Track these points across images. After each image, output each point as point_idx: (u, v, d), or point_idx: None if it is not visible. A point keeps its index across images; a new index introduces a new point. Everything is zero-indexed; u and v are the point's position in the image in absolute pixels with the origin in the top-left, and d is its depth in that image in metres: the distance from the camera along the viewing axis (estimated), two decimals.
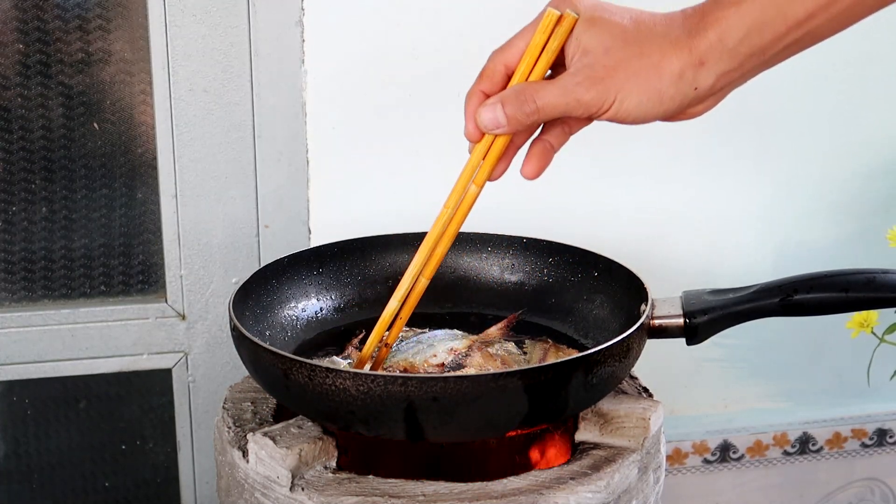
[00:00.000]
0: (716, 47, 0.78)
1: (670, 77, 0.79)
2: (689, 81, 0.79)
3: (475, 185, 0.91)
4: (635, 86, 0.79)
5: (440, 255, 0.97)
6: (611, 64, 0.79)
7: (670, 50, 0.79)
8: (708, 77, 0.79)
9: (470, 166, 0.90)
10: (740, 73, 0.80)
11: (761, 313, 1.01)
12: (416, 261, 0.96)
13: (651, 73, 0.79)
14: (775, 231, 1.51)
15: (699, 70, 0.78)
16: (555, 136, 0.88)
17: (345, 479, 0.94)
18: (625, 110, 0.80)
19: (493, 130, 0.85)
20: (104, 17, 1.29)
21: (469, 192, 0.92)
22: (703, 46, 0.78)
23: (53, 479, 1.44)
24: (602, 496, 0.94)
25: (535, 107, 0.82)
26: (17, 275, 1.35)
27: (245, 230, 1.35)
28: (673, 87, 0.79)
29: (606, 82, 0.79)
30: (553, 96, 0.81)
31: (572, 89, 0.80)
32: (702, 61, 0.78)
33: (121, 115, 1.33)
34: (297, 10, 1.29)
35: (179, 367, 1.39)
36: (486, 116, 0.84)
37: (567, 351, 1.07)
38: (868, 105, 1.49)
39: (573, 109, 0.81)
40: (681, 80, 0.79)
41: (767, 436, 1.57)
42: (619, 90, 0.79)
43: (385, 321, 0.99)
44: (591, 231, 1.43)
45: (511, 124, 0.83)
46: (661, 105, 0.80)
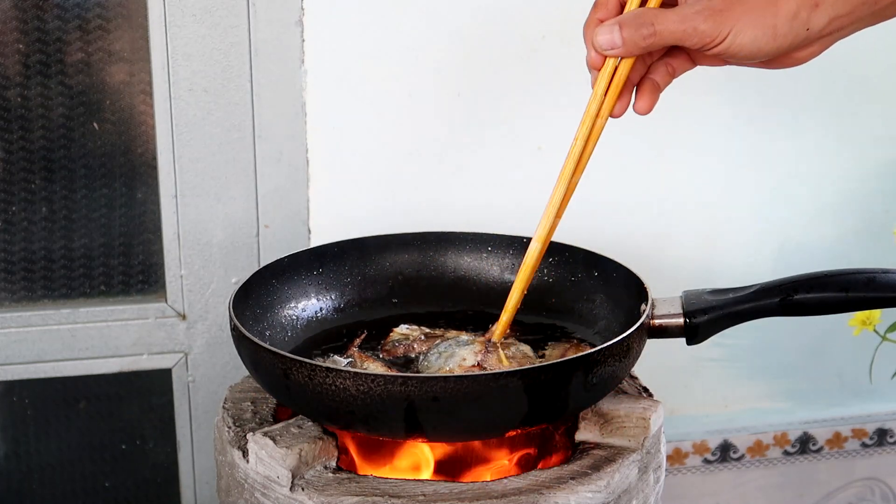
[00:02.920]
0: None
1: (786, 15, 0.81)
2: (802, 21, 0.81)
3: (601, 119, 0.92)
4: (751, 20, 0.81)
5: (572, 191, 0.98)
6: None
7: None
8: (821, 19, 0.81)
9: (595, 99, 0.91)
10: (851, 20, 0.82)
11: (761, 313, 1.01)
12: (553, 198, 0.98)
13: (767, 10, 0.81)
14: (775, 231, 1.51)
15: (814, 11, 0.80)
16: (660, 76, 0.90)
17: (345, 479, 0.94)
18: (738, 44, 0.82)
19: (609, 52, 0.86)
20: (104, 17, 1.29)
21: (596, 125, 0.93)
22: None
23: (53, 479, 1.44)
24: (602, 496, 0.94)
25: (653, 30, 0.83)
26: (17, 275, 1.35)
27: (245, 230, 1.35)
28: (787, 26, 0.81)
29: (725, 14, 0.81)
30: (671, 22, 0.82)
31: (691, 17, 0.81)
32: (817, 3, 0.80)
33: (121, 115, 1.33)
34: (297, 10, 1.29)
35: (179, 367, 1.39)
36: (604, 38, 0.85)
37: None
38: (868, 104, 1.49)
39: (689, 37, 0.82)
40: (795, 20, 0.80)
41: (767, 436, 1.57)
42: (736, 23, 0.81)
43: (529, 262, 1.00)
44: (591, 231, 1.43)
45: (627, 46, 0.84)
46: (773, 41, 0.81)
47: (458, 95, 1.36)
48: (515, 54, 1.35)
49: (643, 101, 0.90)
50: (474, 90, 1.36)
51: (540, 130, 1.39)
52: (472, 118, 1.37)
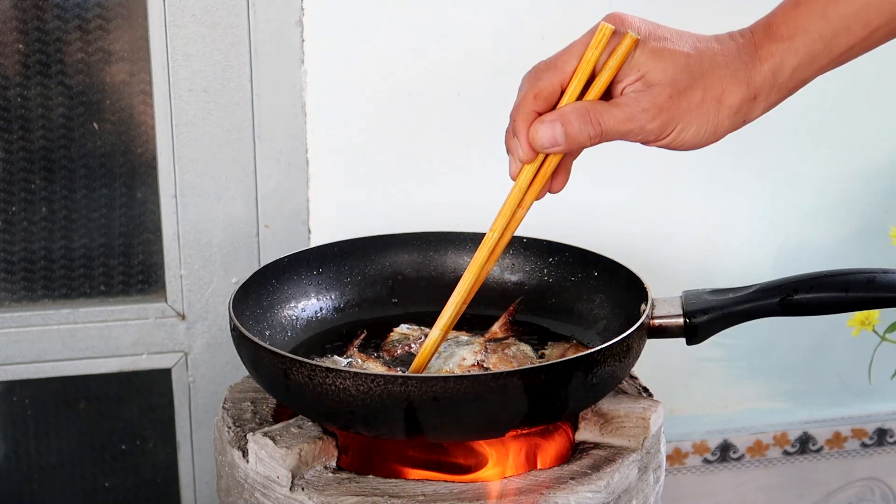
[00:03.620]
0: (768, 82, 0.82)
1: (728, 110, 0.82)
2: (742, 114, 0.82)
3: (521, 209, 0.91)
4: (696, 117, 0.81)
5: (483, 279, 0.96)
6: (675, 93, 0.81)
7: (731, 84, 0.81)
8: (758, 110, 0.83)
9: (518, 189, 0.89)
10: (780, 102, 0.84)
11: (761, 313, 1.01)
12: (460, 287, 0.95)
13: (712, 107, 0.81)
14: (775, 231, 1.51)
15: (752, 104, 0.82)
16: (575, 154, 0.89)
17: (345, 479, 0.94)
18: (681, 140, 0.82)
19: (549, 149, 0.84)
20: (104, 17, 1.29)
21: (516, 216, 0.91)
22: (758, 81, 0.82)
23: (53, 479, 1.44)
24: (602, 496, 0.94)
25: (600, 130, 0.82)
26: (17, 275, 1.35)
27: (245, 230, 1.35)
28: (728, 120, 0.82)
29: (671, 112, 0.81)
30: (617, 121, 0.81)
31: (637, 116, 0.81)
32: (755, 95, 0.82)
33: (121, 115, 1.33)
34: (297, 10, 1.29)
35: (179, 367, 1.39)
36: (545, 135, 0.83)
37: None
38: (868, 104, 1.49)
39: (634, 135, 0.82)
40: (737, 114, 0.82)
41: (767, 436, 1.57)
42: (680, 121, 0.81)
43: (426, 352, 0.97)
44: (591, 231, 1.43)
45: (569, 143, 0.83)
46: (714, 136, 0.83)
47: (458, 95, 1.36)
48: (515, 54, 1.35)
49: (560, 180, 0.89)
50: (474, 90, 1.36)
51: None
52: (472, 118, 1.37)
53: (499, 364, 1.02)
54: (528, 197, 0.90)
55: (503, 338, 1.10)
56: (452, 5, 1.33)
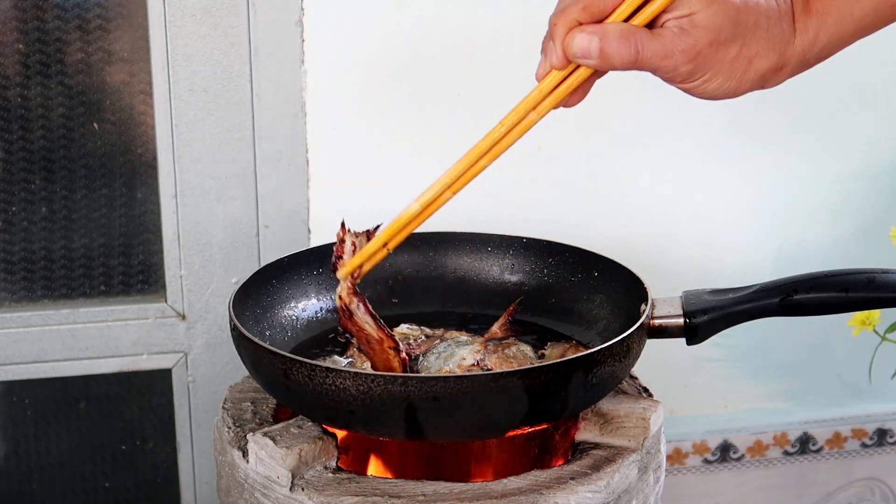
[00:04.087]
0: (797, 56, 0.82)
1: (755, 73, 0.81)
2: (765, 80, 0.82)
3: (536, 114, 0.89)
4: (724, 71, 0.81)
5: (476, 172, 0.93)
6: (716, 44, 0.80)
7: (766, 49, 0.81)
8: (779, 79, 0.83)
9: (539, 91, 0.88)
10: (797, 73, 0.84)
11: (761, 313, 1.01)
12: (451, 171, 0.93)
13: (742, 66, 0.81)
14: (775, 231, 1.51)
15: (777, 73, 0.82)
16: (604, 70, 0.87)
17: (345, 479, 0.94)
18: (702, 88, 0.82)
19: (580, 59, 0.82)
20: (104, 17, 1.29)
21: (528, 118, 0.90)
22: (789, 53, 0.82)
23: (53, 479, 1.44)
24: (602, 496, 0.94)
25: (635, 57, 0.80)
26: (17, 275, 1.35)
27: (245, 230, 1.35)
28: (751, 83, 0.82)
29: (706, 61, 0.80)
30: (654, 53, 0.80)
31: (675, 55, 0.80)
32: (783, 66, 0.82)
33: (121, 115, 1.33)
34: (297, 10, 1.29)
35: (179, 367, 1.39)
36: (580, 44, 0.81)
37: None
38: (868, 104, 1.49)
39: (664, 72, 0.81)
40: (761, 79, 0.82)
41: (767, 436, 1.57)
42: (710, 70, 0.81)
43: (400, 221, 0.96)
44: (591, 231, 1.43)
45: (601, 60, 0.81)
46: (733, 93, 0.82)
47: (458, 95, 1.36)
48: (515, 54, 1.35)
49: (578, 95, 0.87)
50: (474, 90, 1.36)
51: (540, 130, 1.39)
52: (472, 118, 1.37)
53: (499, 364, 1.02)
54: (545, 103, 0.88)
55: (503, 338, 1.10)
56: (452, 5, 1.33)
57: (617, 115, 1.40)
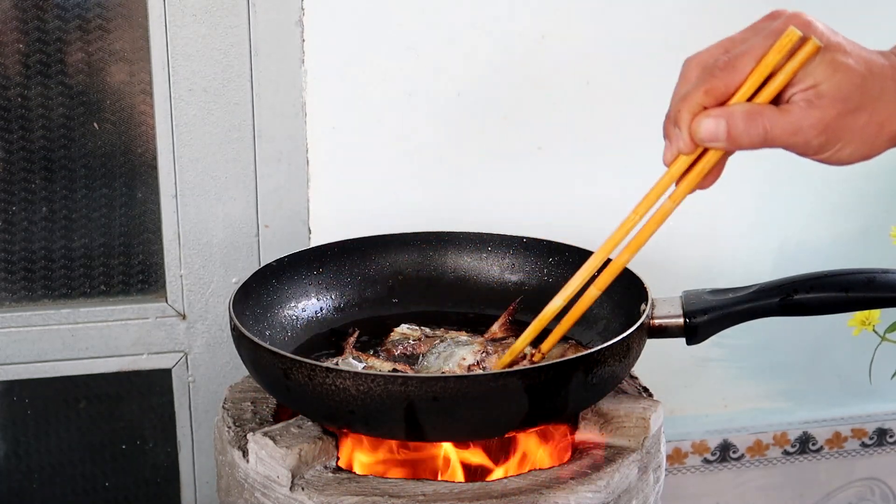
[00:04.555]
0: None
1: (887, 136, 0.81)
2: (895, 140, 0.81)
3: (671, 202, 0.89)
4: (857, 139, 0.80)
5: (617, 268, 0.94)
6: (844, 114, 0.79)
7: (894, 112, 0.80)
8: None
9: (669, 176, 0.88)
10: None
11: (761, 313, 1.02)
12: (588, 264, 0.94)
13: (874, 131, 0.80)
14: (775, 231, 1.51)
15: None
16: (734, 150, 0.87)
17: (345, 479, 0.94)
18: (837, 157, 0.81)
19: (708, 143, 0.82)
20: (104, 17, 1.29)
21: (664, 207, 0.90)
22: None
23: (53, 479, 1.44)
24: (602, 496, 0.94)
25: (764, 136, 0.80)
26: (17, 275, 1.35)
27: (245, 230, 1.35)
28: (885, 145, 0.81)
29: (836, 131, 0.79)
30: (783, 131, 0.79)
31: (805, 130, 0.79)
32: None
33: (121, 115, 1.33)
34: (297, 10, 1.29)
35: (179, 367, 1.39)
36: (708, 129, 0.81)
37: None
38: None
39: (796, 147, 0.80)
40: (893, 140, 0.81)
41: (767, 436, 1.57)
42: (842, 139, 0.80)
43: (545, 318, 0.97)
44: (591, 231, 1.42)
45: (731, 143, 0.81)
46: (866, 157, 0.82)
47: (458, 95, 1.36)
48: (515, 54, 1.35)
49: (712, 177, 0.87)
50: (474, 90, 1.36)
51: (540, 130, 1.39)
52: (471, 118, 1.37)
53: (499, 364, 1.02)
54: (680, 189, 0.88)
55: (503, 338, 1.10)
56: (452, 5, 1.33)
57: (617, 116, 1.40)
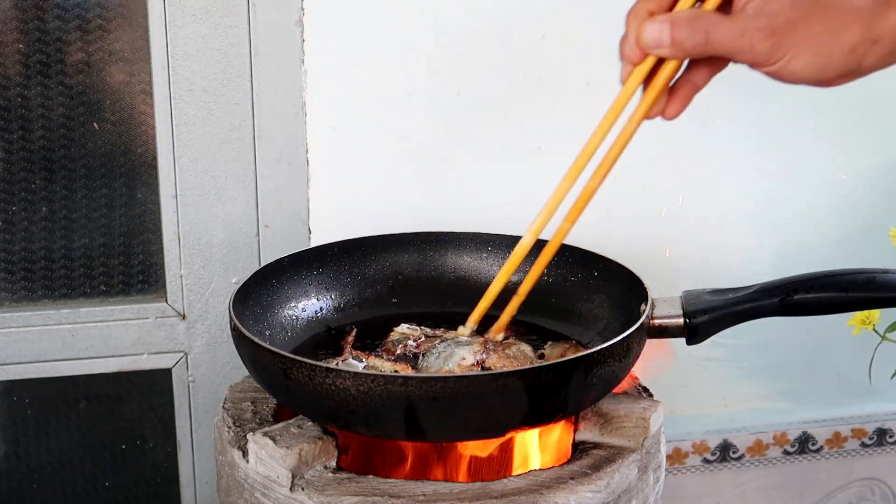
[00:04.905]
0: (892, 29, 0.77)
1: (844, 47, 0.77)
2: (858, 56, 0.77)
3: (632, 122, 0.87)
4: (809, 47, 0.77)
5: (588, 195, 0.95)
6: (793, 18, 0.77)
7: (852, 21, 0.77)
8: (874, 56, 0.78)
9: (624, 95, 0.86)
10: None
11: (761, 313, 1.01)
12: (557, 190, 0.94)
13: (828, 39, 0.77)
14: (775, 231, 1.51)
15: (871, 48, 0.77)
16: (701, 77, 0.86)
17: (345, 479, 0.94)
18: (789, 69, 0.78)
19: (652, 49, 0.81)
20: (104, 17, 1.29)
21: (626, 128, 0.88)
22: (882, 26, 0.77)
23: (53, 479, 1.44)
24: (602, 496, 0.94)
25: (706, 38, 0.78)
26: (17, 275, 1.35)
27: (245, 230, 1.35)
28: (842, 59, 0.77)
29: (785, 36, 0.77)
30: (727, 34, 0.78)
31: (751, 33, 0.77)
32: (876, 40, 0.77)
33: (121, 115, 1.33)
34: (297, 10, 1.29)
35: (179, 367, 1.39)
36: (651, 34, 0.80)
37: None
38: (868, 104, 1.48)
39: (742, 54, 0.78)
40: (851, 54, 0.77)
41: (767, 435, 1.57)
42: (792, 48, 0.77)
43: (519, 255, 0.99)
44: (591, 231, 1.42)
45: (674, 48, 0.80)
46: (824, 72, 0.78)
47: (457, 95, 1.36)
48: (515, 54, 1.35)
49: (675, 105, 0.85)
50: (474, 90, 1.36)
51: (540, 130, 1.39)
52: (471, 118, 1.37)
53: (499, 364, 1.02)
54: (639, 110, 0.86)
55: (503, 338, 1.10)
56: (452, 5, 1.33)
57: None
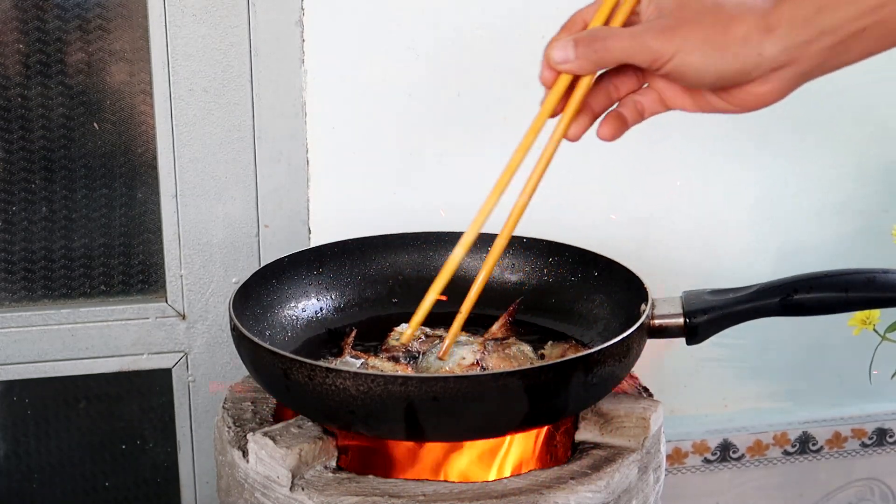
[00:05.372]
0: (786, 17, 0.78)
1: (736, 37, 0.79)
2: (754, 45, 0.78)
3: (552, 142, 0.92)
4: (699, 39, 0.80)
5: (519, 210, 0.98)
6: (682, 16, 0.80)
7: (742, 13, 0.79)
8: (774, 46, 0.79)
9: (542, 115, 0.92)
10: (809, 55, 0.80)
11: (761, 313, 1.01)
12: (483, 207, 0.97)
13: (718, 30, 0.79)
14: (775, 231, 1.51)
15: (766, 36, 0.78)
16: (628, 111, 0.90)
17: (345, 479, 0.94)
18: (686, 63, 0.80)
19: (560, 65, 0.86)
20: (104, 17, 1.29)
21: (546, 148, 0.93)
22: (775, 15, 0.78)
23: (53, 479, 1.44)
24: (602, 496, 0.94)
25: (604, 45, 0.83)
26: (17, 275, 1.35)
27: (245, 230, 1.35)
28: (736, 47, 0.79)
29: (675, 31, 0.80)
30: (622, 38, 0.82)
31: (641, 34, 0.81)
32: (770, 28, 0.78)
33: (121, 115, 1.33)
34: (297, 10, 1.29)
35: (179, 367, 1.39)
36: (558, 52, 0.86)
37: None
38: (868, 103, 1.49)
39: (638, 53, 0.81)
40: (746, 43, 0.79)
41: (767, 435, 1.57)
42: (684, 41, 0.80)
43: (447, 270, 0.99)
44: (591, 231, 1.43)
45: (579, 61, 0.85)
46: (722, 62, 0.79)
47: (458, 95, 1.36)
48: (515, 54, 1.35)
49: (606, 127, 0.89)
50: (474, 90, 1.36)
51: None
52: (472, 118, 1.37)
53: (499, 364, 1.02)
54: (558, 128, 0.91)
55: (503, 338, 1.10)
56: (452, 5, 1.33)
57: None
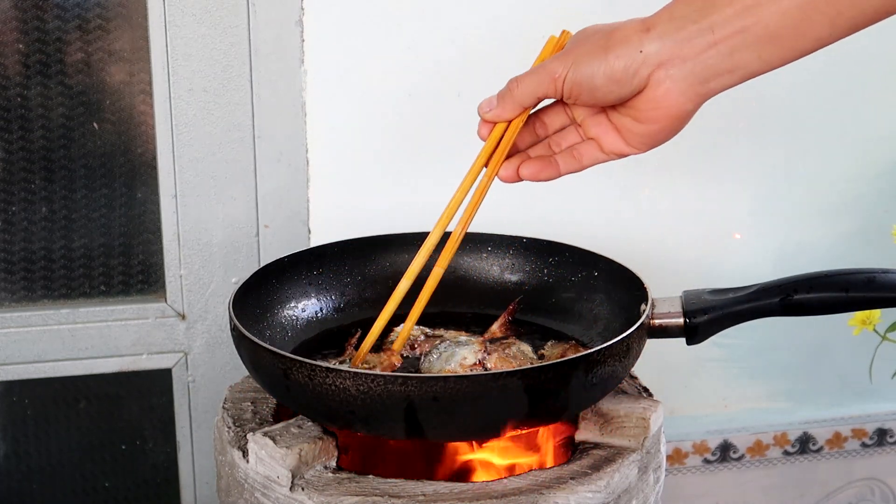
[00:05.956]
0: (664, 16, 0.86)
1: (617, 40, 0.87)
2: (634, 44, 0.86)
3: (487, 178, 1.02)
4: (588, 52, 0.88)
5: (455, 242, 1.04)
6: (577, 42, 0.91)
7: (625, 24, 0.88)
8: (652, 42, 0.85)
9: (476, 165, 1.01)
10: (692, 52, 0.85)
11: (761, 313, 1.01)
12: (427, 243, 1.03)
13: (602, 41, 0.88)
14: (775, 231, 1.51)
15: (645, 34, 0.86)
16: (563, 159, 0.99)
17: (345, 479, 0.94)
18: (579, 73, 0.88)
19: (487, 115, 0.96)
20: (104, 17, 1.29)
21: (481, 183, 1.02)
22: (653, 17, 0.87)
23: (53, 479, 1.44)
24: (602, 496, 0.94)
25: (516, 85, 0.93)
26: (17, 275, 1.35)
27: (245, 230, 1.35)
28: (618, 49, 0.86)
29: (568, 53, 0.90)
30: (529, 74, 0.93)
31: (543, 65, 0.91)
32: (648, 27, 0.86)
33: (121, 115, 1.33)
34: (297, 10, 1.29)
35: (179, 367, 1.39)
36: (483, 104, 0.97)
37: None
38: (868, 103, 1.49)
39: (543, 81, 0.91)
40: (627, 43, 0.86)
41: (767, 436, 1.57)
42: (576, 57, 0.89)
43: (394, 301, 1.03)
44: (591, 231, 1.43)
45: (500, 104, 0.95)
46: (606, 64, 0.87)
47: (458, 95, 1.36)
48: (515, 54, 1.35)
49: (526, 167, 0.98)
50: (474, 90, 1.36)
51: None
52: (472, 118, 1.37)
53: (499, 364, 1.02)
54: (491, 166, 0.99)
55: (503, 337, 1.10)
56: (452, 5, 1.33)
57: None
